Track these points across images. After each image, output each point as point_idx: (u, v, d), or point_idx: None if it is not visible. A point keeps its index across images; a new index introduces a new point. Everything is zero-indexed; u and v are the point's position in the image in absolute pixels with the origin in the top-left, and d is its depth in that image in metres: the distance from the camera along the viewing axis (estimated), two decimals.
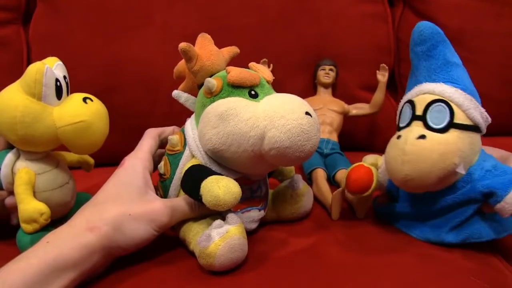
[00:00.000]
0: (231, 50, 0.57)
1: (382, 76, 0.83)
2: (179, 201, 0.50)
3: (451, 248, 0.50)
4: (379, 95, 0.83)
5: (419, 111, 0.51)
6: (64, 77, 0.51)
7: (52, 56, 0.52)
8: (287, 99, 0.49)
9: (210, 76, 0.51)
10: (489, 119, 0.51)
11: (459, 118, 0.49)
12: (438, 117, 0.49)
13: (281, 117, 0.46)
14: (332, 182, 0.72)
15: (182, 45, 0.50)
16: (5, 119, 0.47)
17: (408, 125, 0.52)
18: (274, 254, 0.50)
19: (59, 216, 0.53)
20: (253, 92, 0.50)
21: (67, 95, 0.51)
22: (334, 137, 0.80)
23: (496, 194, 0.47)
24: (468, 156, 0.49)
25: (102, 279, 0.46)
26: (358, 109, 0.86)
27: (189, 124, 0.53)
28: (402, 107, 0.54)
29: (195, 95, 0.55)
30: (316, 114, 0.50)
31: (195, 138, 0.51)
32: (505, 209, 0.47)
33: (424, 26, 0.52)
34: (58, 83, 0.49)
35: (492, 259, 0.50)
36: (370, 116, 0.86)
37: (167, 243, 0.52)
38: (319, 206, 0.63)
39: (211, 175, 0.47)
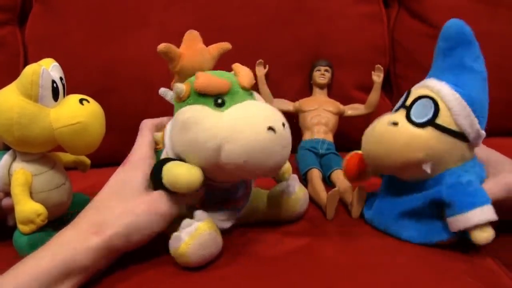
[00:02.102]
0: (221, 47, 0.56)
1: (377, 77, 0.83)
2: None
3: (444, 249, 0.50)
4: (374, 95, 0.84)
5: (408, 102, 0.52)
6: (61, 79, 0.51)
7: (48, 57, 0.52)
8: (252, 111, 0.47)
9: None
10: (481, 133, 0.50)
11: (444, 121, 0.49)
12: (420, 111, 0.50)
13: (239, 131, 0.45)
14: (328, 182, 0.72)
15: (160, 47, 0.50)
16: (1, 121, 0.47)
17: (396, 111, 0.53)
18: (269, 253, 0.51)
19: (56, 217, 0.53)
20: (219, 101, 0.48)
21: (64, 96, 0.51)
22: (330, 138, 0.81)
23: (454, 209, 0.48)
24: (442, 159, 0.50)
25: (100, 279, 0.46)
26: (353, 109, 0.86)
27: (170, 123, 0.53)
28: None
29: None
30: (288, 128, 0.48)
31: (170, 138, 0.51)
32: (453, 225, 0.48)
33: (452, 23, 0.51)
34: (54, 85, 0.49)
35: (486, 259, 0.50)
36: (365, 116, 0.86)
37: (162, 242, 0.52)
38: (314, 206, 0.63)
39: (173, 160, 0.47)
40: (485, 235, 0.47)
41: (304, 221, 0.59)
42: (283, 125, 0.47)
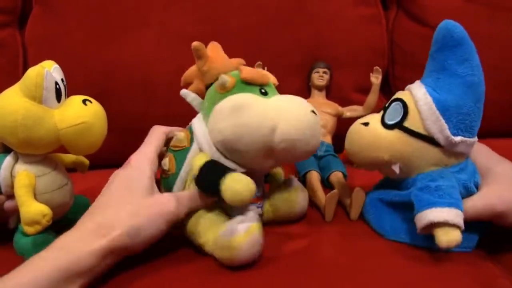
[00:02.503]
0: (239, 62, 0.58)
1: (376, 79, 0.83)
2: (185, 193, 0.51)
3: (443, 251, 0.50)
4: (372, 97, 0.84)
5: (387, 104, 0.54)
6: (62, 80, 0.51)
7: (48, 58, 0.52)
8: (294, 98, 0.52)
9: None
10: (452, 139, 0.49)
11: (413, 124, 0.50)
12: (392, 114, 0.52)
13: (291, 111, 0.49)
14: (326, 184, 0.72)
15: (195, 43, 0.52)
16: (6, 123, 0.47)
17: (380, 112, 0.55)
18: (268, 255, 0.51)
19: (58, 217, 0.53)
20: (263, 90, 0.52)
21: (65, 97, 0.52)
22: (328, 139, 0.81)
23: (415, 208, 0.48)
24: (411, 162, 0.51)
25: (104, 281, 0.47)
26: (352, 111, 0.86)
27: (197, 121, 0.54)
28: None
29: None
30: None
31: (205, 133, 0.52)
32: (417, 225, 0.48)
33: (441, 27, 0.51)
34: (57, 86, 0.49)
35: (485, 261, 0.50)
36: None
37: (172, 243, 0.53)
38: (313, 208, 0.63)
39: (229, 171, 0.49)
40: (446, 238, 0.46)
41: (303, 222, 0.60)
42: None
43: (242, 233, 0.47)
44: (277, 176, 0.63)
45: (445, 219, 0.46)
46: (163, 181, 0.56)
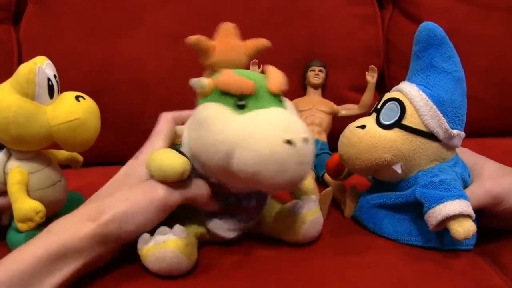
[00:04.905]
0: (258, 43, 0.52)
1: (371, 77, 0.84)
2: (178, 183, 0.48)
3: (436, 249, 0.51)
4: (368, 96, 0.84)
5: (379, 105, 0.54)
6: (55, 76, 0.51)
7: (42, 55, 0.52)
8: (272, 119, 0.43)
9: None
10: (452, 132, 0.50)
11: (411, 122, 0.50)
12: (388, 114, 0.52)
13: (254, 138, 0.41)
14: (321, 182, 0.72)
15: (191, 38, 0.47)
16: None
17: (370, 114, 0.55)
18: (260, 252, 0.51)
19: (52, 214, 0.53)
20: (241, 103, 0.44)
21: (58, 93, 0.51)
22: (323, 138, 0.81)
23: (426, 206, 0.48)
24: (412, 159, 0.51)
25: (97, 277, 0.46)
26: (347, 109, 0.87)
27: (192, 117, 0.50)
28: None
29: None
30: (312, 144, 0.44)
31: (187, 132, 0.49)
32: (429, 223, 0.48)
33: (422, 27, 0.52)
34: (50, 82, 0.49)
35: (477, 259, 0.50)
36: (359, 116, 0.87)
37: None
38: None
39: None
40: (462, 229, 0.46)
41: None
42: (305, 140, 0.42)
43: (151, 245, 0.44)
44: (300, 190, 0.56)
45: (459, 211, 0.46)
46: None
